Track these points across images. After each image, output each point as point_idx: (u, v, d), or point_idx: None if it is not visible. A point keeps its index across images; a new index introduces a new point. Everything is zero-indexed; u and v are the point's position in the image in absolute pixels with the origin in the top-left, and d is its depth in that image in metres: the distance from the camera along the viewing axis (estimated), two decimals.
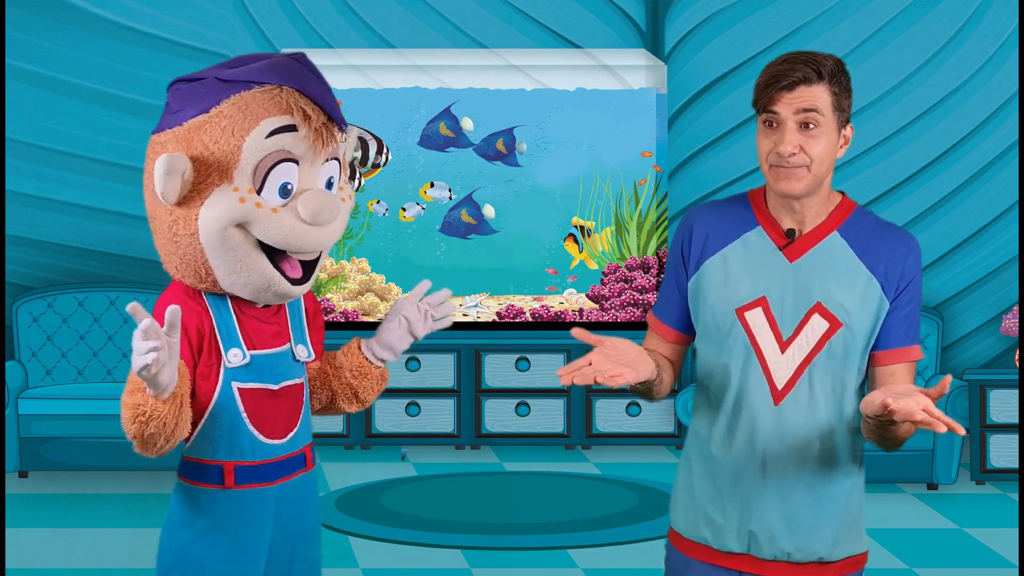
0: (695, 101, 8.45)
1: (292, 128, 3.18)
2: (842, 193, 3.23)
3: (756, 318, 3.13)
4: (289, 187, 3.20)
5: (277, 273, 3.24)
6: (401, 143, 8.20)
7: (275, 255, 3.24)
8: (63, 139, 8.24)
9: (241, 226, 3.19)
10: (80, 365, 7.99)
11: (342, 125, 3.25)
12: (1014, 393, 7.49)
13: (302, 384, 3.41)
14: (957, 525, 6.97)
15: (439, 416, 8.14)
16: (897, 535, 6.76)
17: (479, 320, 8.30)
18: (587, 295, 8.33)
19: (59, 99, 8.23)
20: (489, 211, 8.28)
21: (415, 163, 8.25)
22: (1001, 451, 7.53)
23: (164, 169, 3.13)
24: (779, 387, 3.12)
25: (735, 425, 3.14)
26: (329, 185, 3.29)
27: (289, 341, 3.38)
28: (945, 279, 8.40)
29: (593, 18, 8.48)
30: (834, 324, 3.11)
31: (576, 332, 3.01)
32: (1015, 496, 7.39)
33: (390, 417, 8.10)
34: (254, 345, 3.30)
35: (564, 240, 8.31)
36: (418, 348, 8.13)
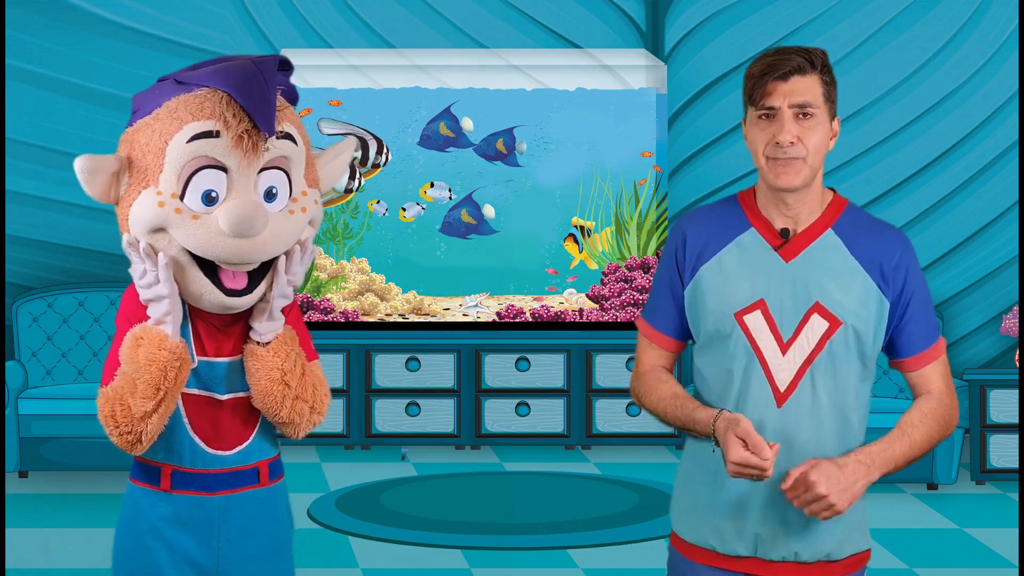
0: (695, 101, 8.45)
1: (214, 134, 3.11)
2: (833, 190, 3.22)
3: (755, 321, 3.12)
4: (213, 194, 3.13)
5: (208, 283, 3.15)
6: (401, 143, 8.20)
7: (215, 264, 3.16)
8: (63, 139, 8.24)
9: (166, 231, 3.14)
10: (80, 365, 7.99)
11: (269, 133, 3.12)
12: (1014, 393, 7.49)
13: None
14: (957, 525, 6.97)
15: (439, 416, 8.13)
16: (897, 535, 6.76)
17: (479, 320, 8.30)
18: (587, 295, 8.33)
19: (59, 99, 8.23)
20: (489, 211, 8.28)
21: (415, 163, 8.25)
22: (1001, 451, 7.53)
23: (79, 168, 3.22)
24: (782, 389, 3.11)
25: None
26: (271, 196, 3.18)
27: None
28: (945, 279, 8.40)
29: (593, 18, 8.48)
30: (834, 323, 3.10)
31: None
32: (1015, 496, 7.39)
33: (390, 417, 8.09)
34: (205, 352, 3.23)
35: (564, 240, 8.31)
36: (418, 348, 8.14)
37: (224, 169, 3.13)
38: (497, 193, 8.30)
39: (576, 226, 8.31)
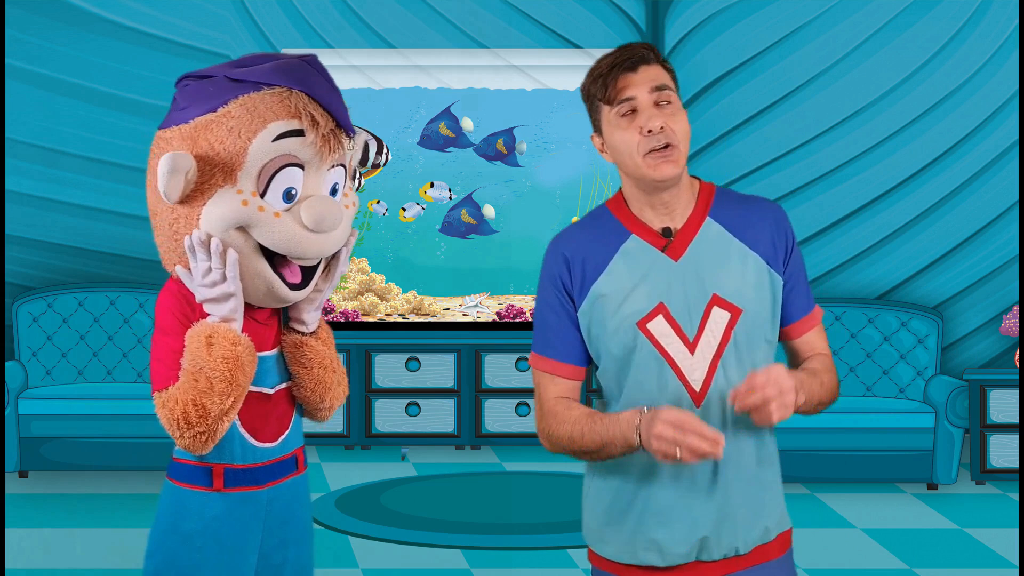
0: (695, 101, 8.45)
1: (299, 133, 3.16)
2: (697, 178, 3.17)
3: (659, 327, 3.05)
4: (293, 192, 3.18)
5: (277, 278, 3.21)
6: (401, 143, 8.20)
7: (275, 259, 3.21)
8: (63, 139, 8.24)
9: (242, 229, 3.16)
10: (80, 365, 7.99)
11: (350, 132, 3.23)
12: (1014, 393, 7.49)
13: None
14: (957, 525, 6.97)
15: (439, 416, 8.14)
16: (897, 535, 6.76)
17: (479, 320, 8.30)
18: None
19: (59, 99, 8.23)
20: (489, 211, 8.28)
21: (415, 163, 8.25)
22: (1001, 451, 7.53)
23: (167, 168, 3.10)
24: (696, 389, 3.05)
25: None
26: (334, 191, 3.26)
27: (281, 344, 3.35)
28: (945, 279, 8.40)
29: (593, 18, 8.48)
30: (734, 312, 3.05)
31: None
32: (1015, 496, 7.39)
33: (390, 417, 8.09)
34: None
35: None
36: (418, 348, 8.14)
37: (301, 167, 3.18)
38: (497, 193, 8.30)
39: None
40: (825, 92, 8.36)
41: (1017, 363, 7.78)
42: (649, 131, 3.03)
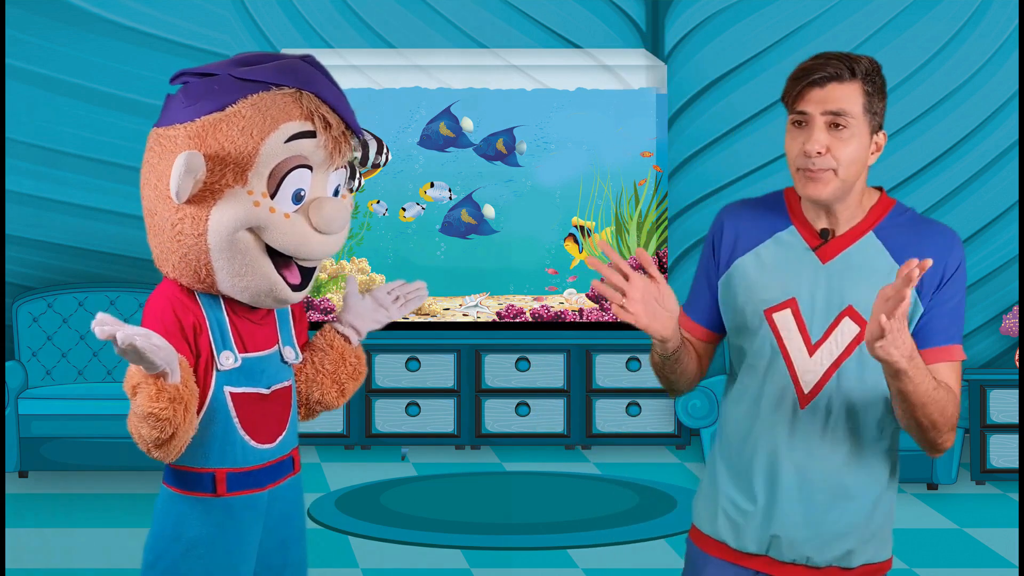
0: (695, 101, 8.45)
1: (312, 134, 3.15)
2: (880, 189, 3.13)
3: (784, 320, 3.06)
4: (302, 193, 3.17)
5: (280, 279, 3.20)
6: (401, 143, 8.20)
7: (277, 260, 3.20)
8: (63, 139, 8.24)
9: (251, 230, 3.15)
10: (80, 365, 7.99)
11: (358, 134, 3.24)
12: (1014, 393, 7.49)
13: (290, 387, 3.36)
14: (957, 525, 6.97)
15: (439, 416, 8.13)
16: (897, 535, 6.72)
17: (479, 320, 8.30)
18: (587, 295, 8.33)
19: (59, 99, 8.22)
20: (489, 211, 8.28)
21: (415, 163, 8.25)
22: (1001, 451, 7.53)
23: (183, 168, 3.06)
24: (806, 391, 3.06)
25: (758, 428, 3.08)
26: (335, 192, 3.26)
27: (277, 343, 3.33)
28: None
29: (593, 18, 8.48)
30: (865, 327, 3.02)
31: (605, 249, 2.95)
32: (1015, 496, 7.39)
33: (390, 417, 8.09)
34: (245, 348, 3.25)
35: (564, 240, 8.31)
36: (418, 348, 8.14)
37: (310, 168, 3.17)
38: (497, 193, 8.29)
39: (576, 226, 8.31)
40: None
41: (1017, 363, 7.78)
42: (806, 153, 3.00)
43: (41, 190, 8.25)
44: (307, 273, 3.27)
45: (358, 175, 3.51)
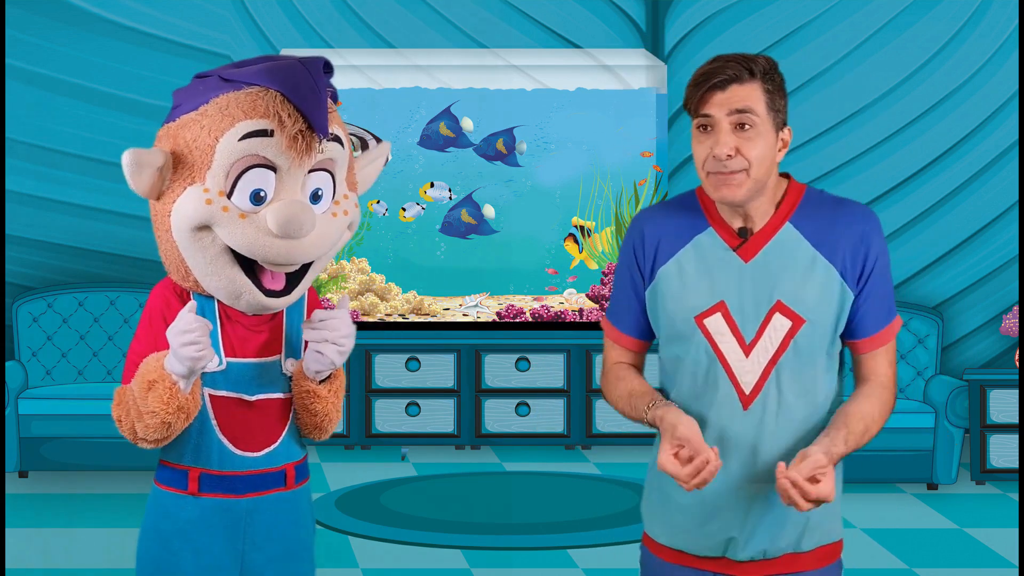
0: None
1: (265, 133, 3.10)
2: (788, 176, 3.13)
3: (716, 324, 3.06)
4: (262, 194, 3.12)
5: (248, 282, 3.15)
6: (401, 143, 8.20)
7: (254, 263, 3.16)
8: (63, 139, 8.24)
9: (209, 229, 3.12)
10: (80, 365, 7.99)
11: (323, 134, 3.12)
12: (1014, 393, 7.49)
13: (286, 399, 3.27)
14: (957, 525, 6.97)
15: (439, 416, 8.13)
16: (897, 535, 6.75)
17: (479, 320, 8.30)
18: (587, 295, 8.33)
19: (59, 99, 8.23)
20: (489, 211, 8.28)
21: (415, 163, 8.25)
22: (1001, 451, 7.53)
23: (126, 162, 3.13)
24: (747, 391, 3.06)
25: (704, 433, 3.05)
26: (316, 198, 3.18)
27: (280, 353, 3.27)
28: (945, 279, 8.40)
29: (593, 18, 8.48)
30: (796, 321, 3.04)
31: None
32: (1015, 496, 7.39)
33: (390, 417, 8.09)
34: (235, 352, 3.21)
35: (564, 240, 8.32)
36: (418, 348, 8.14)
37: (273, 169, 3.11)
38: (497, 193, 8.30)
39: (576, 226, 8.31)
40: (825, 92, 8.36)
41: (1017, 363, 7.78)
42: (715, 156, 3.00)
43: (41, 190, 8.25)
44: (294, 279, 3.21)
45: (367, 143, 3.47)
